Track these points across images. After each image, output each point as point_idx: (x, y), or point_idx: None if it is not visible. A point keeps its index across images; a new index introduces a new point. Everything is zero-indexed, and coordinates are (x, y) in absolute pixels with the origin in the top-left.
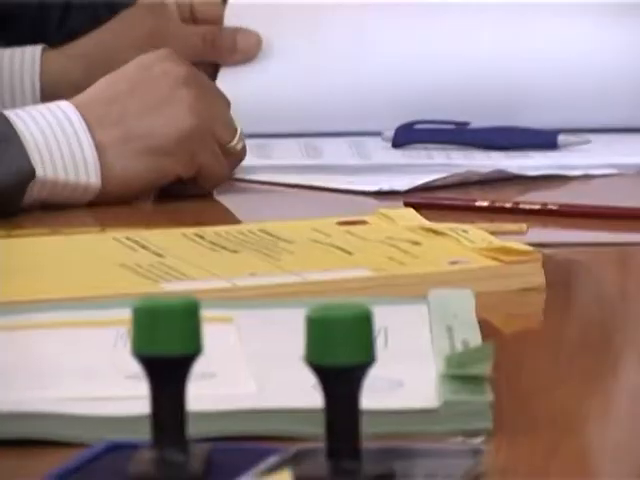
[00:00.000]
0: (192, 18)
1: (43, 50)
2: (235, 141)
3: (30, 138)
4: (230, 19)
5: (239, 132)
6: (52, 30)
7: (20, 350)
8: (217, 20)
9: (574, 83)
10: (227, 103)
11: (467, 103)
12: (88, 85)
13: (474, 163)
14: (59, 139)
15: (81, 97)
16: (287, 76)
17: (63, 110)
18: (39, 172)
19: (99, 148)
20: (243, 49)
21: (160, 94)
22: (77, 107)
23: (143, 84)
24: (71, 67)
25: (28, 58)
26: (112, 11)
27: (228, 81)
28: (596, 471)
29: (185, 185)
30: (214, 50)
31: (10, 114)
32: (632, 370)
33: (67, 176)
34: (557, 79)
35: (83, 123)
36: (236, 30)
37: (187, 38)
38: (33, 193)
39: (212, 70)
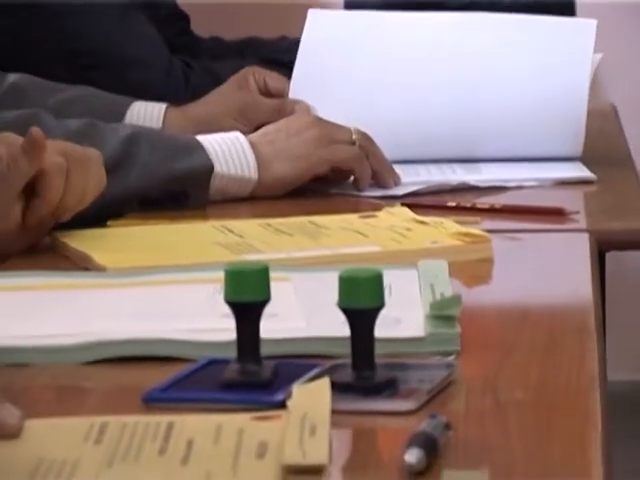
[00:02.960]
0: (265, 91)
1: (167, 108)
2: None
3: (210, 147)
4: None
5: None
6: (181, 87)
7: (149, 299)
8: (282, 93)
9: (517, 130)
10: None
11: (444, 138)
12: None
13: (446, 178)
14: (231, 149)
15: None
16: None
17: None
18: (217, 167)
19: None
20: None
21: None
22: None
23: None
24: (187, 125)
25: (156, 112)
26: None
27: None
28: (533, 380)
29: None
30: (280, 116)
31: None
32: (556, 305)
33: (236, 171)
34: (505, 125)
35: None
36: (294, 102)
37: (263, 107)
38: (214, 184)
39: None
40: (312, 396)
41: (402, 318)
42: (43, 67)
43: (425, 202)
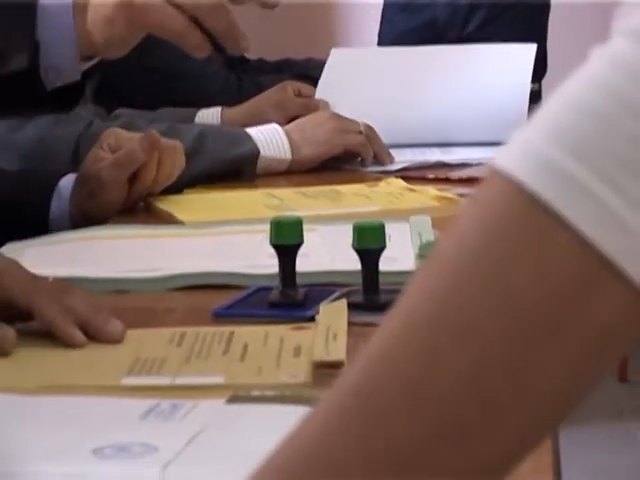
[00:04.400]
0: (298, 93)
1: (222, 109)
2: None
3: (256, 136)
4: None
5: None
6: (235, 94)
7: (215, 244)
8: (310, 94)
9: (478, 122)
10: None
11: (426, 129)
12: None
13: (427, 157)
14: (271, 137)
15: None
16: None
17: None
18: (261, 151)
19: (290, 141)
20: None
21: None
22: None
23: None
24: (239, 120)
25: (215, 114)
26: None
27: None
28: None
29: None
30: (307, 112)
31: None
32: None
33: (275, 153)
34: (470, 119)
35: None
36: (319, 100)
37: (296, 103)
38: (260, 163)
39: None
40: (334, 312)
41: (398, 257)
42: (143, 80)
43: (413, 175)
